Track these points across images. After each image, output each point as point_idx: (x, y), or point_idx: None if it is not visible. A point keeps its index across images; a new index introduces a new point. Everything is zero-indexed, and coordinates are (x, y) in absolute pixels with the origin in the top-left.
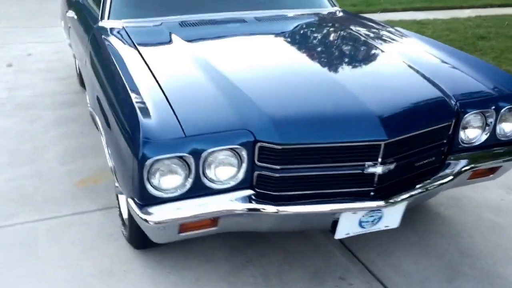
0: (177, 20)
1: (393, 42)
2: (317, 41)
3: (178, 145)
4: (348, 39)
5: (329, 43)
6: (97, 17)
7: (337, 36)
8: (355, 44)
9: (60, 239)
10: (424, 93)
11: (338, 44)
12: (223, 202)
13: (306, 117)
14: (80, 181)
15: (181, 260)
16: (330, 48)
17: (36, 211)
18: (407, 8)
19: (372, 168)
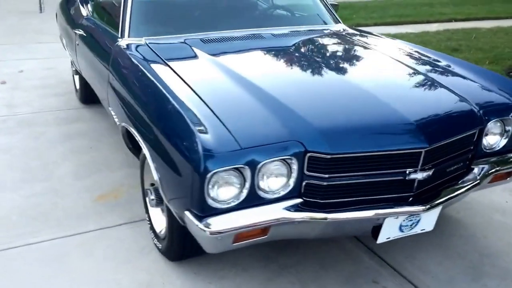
0: (197, 37)
1: (409, 55)
2: (339, 55)
3: (235, 157)
4: (368, 53)
5: (351, 57)
6: (115, 35)
7: (356, 50)
8: (376, 58)
9: (92, 254)
10: (453, 103)
11: (359, 58)
12: (275, 211)
13: (352, 127)
14: (99, 196)
15: (218, 270)
16: (353, 62)
17: (60, 228)
18: (378, 23)
19: (413, 174)
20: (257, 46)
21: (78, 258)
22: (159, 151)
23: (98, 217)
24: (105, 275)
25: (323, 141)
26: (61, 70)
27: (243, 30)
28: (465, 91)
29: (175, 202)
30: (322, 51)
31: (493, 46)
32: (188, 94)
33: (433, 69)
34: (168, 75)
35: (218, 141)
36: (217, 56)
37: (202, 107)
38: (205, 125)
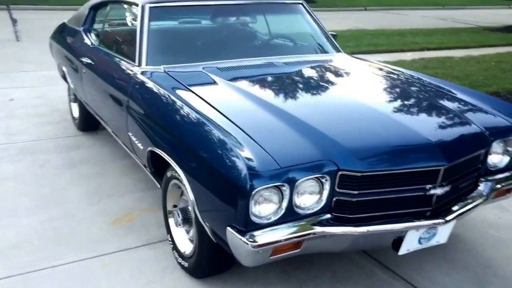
0: (214, 65)
1: (415, 81)
2: (351, 81)
3: (275, 175)
4: (376, 79)
5: (363, 83)
6: (131, 63)
7: (365, 77)
8: (385, 83)
9: (119, 274)
10: (463, 125)
11: (370, 84)
12: (311, 225)
13: (379, 147)
14: (115, 220)
15: (241, 285)
16: (367, 88)
17: (82, 250)
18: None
19: (433, 190)
20: (271, 72)
21: (106, 278)
22: (196, 172)
23: (117, 240)
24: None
25: (355, 160)
26: (52, 98)
27: (255, 58)
28: (472, 114)
29: (214, 220)
30: (335, 78)
31: (467, 74)
32: (219, 118)
33: (439, 94)
34: (195, 100)
35: (260, 161)
36: (236, 82)
37: (238, 131)
38: (244, 147)
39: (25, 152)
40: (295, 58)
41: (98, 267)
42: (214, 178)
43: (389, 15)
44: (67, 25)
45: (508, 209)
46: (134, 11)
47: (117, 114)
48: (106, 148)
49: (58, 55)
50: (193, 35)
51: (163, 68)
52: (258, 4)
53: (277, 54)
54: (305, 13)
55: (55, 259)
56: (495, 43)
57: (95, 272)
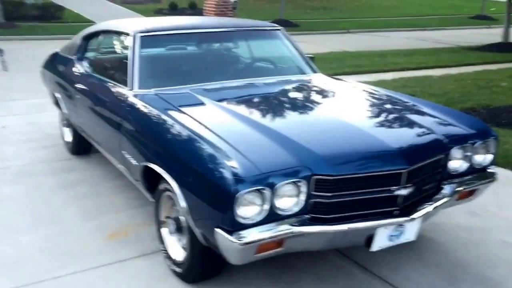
0: (199, 87)
1: (382, 97)
2: (325, 98)
3: (257, 180)
4: (348, 95)
5: (335, 99)
6: (123, 87)
7: (338, 94)
8: (355, 99)
9: (117, 282)
10: (424, 134)
11: (343, 100)
12: (290, 225)
13: (348, 154)
14: (111, 235)
15: None
16: (339, 103)
17: (81, 263)
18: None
19: (397, 191)
20: (253, 92)
21: (105, 286)
22: (188, 182)
23: (113, 252)
24: None
25: (327, 166)
26: (43, 124)
27: (238, 80)
28: (432, 124)
29: (203, 224)
30: (309, 95)
31: (445, 91)
32: (207, 133)
33: (404, 108)
34: (185, 118)
35: (243, 168)
36: (221, 101)
37: (222, 142)
38: (229, 156)
39: (21, 175)
40: (275, 79)
41: (96, 277)
42: (203, 185)
43: (371, 37)
44: (59, 54)
45: (478, 214)
46: (125, 40)
47: (111, 134)
48: (99, 170)
49: (51, 82)
50: (181, 60)
51: (154, 91)
52: (239, 31)
53: (258, 75)
54: (284, 38)
55: (56, 271)
56: (473, 62)
57: (94, 282)
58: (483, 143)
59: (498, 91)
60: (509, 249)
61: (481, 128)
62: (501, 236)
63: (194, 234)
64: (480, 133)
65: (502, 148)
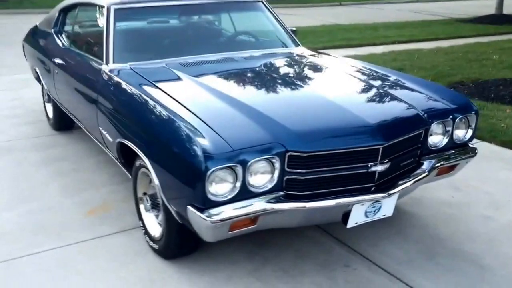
0: (176, 61)
1: (363, 71)
2: (303, 72)
3: (229, 157)
4: (328, 70)
5: (314, 73)
6: (99, 62)
7: (318, 68)
8: (335, 73)
9: (94, 258)
10: (402, 109)
11: (321, 74)
12: (263, 202)
13: (322, 130)
14: (90, 211)
15: (210, 264)
16: (317, 78)
17: (60, 239)
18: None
19: (374, 167)
20: (230, 67)
21: (82, 262)
22: (160, 159)
23: (93, 228)
24: (110, 273)
25: (300, 142)
26: (27, 100)
27: (216, 54)
28: (412, 99)
29: (176, 201)
30: (288, 70)
31: (434, 65)
32: (180, 109)
33: (385, 82)
34: (158, 94)
35: (214, 145)
36: (197, 77)
37: (195, 119)
38: (201, 132)
39: (3, 151)
40: (255, 52)
41: (75, 253)
42: (175, 163)
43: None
44: (38, 27)
45: (461, 189)
46: (101, 13)
47: (88, 110)
48: (81, 146)
49: (31, 57)
50: (157, 34)
51: (129, 66)
52: (219, 3)
53: (238, 49)
54: (265, 10)
55: (35, 247)
56: (465, 34)
57: (73, 257)
58: (464, 118)
59: (488, 64)
60: (489, 224)
61: (462, 103)
62: (482, 211)
63: (169, 211)
64: (461, 107)
65: (489, 123)
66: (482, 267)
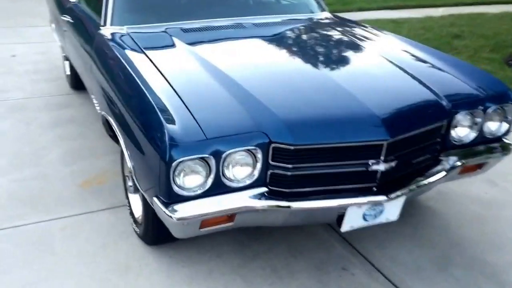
0: (179, 26)
1: (385, 46)
2: (316, 46)
3: (200, 147)
4: (345, 44)
5: (328, 47)
6: (98, 23)
7: (334, 41)
8: (352, 49)
9: (75, 237)
10: (420, 95)
11: (336, 49)
12: (240, 199)
13: (315, 119)
14: (84, 182)
15: (193, 255)
16: (330, 53)
17: (47, 212)
18: (381, 7)
19: (375, 166)
20: (236, 36)
21: (61, 240)
22: (132, 140)
23: (82, 203)
24: (86, 257)
25: (287, 132)
26: (53, 55)
27: (225, 19)
28: (437, 84)
29: (146, 189)
30: (300, 42)
31: (496, 32)
32: (162, 84)
33: (408, 62)
34: (145, 65)
35: (185, 131)
36: (194, 46)
37: (174, 97)
38: (174, 115)
39: (15, 109)
40: (268, 18)
41: (57, 229)
42: (144, 146)
43: None
44: None
45: (497, 184)
46: None
47: (86, 75)
48: (94, 108)
49: (50, 12)
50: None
51: (126, 29)
52: None
53: (250, 14)
54: None
55: (18, 219)
56: None
57: (53, 234)
58: (499, 109)
59: None
60: None
61: (499, 90)
62: None
63: None
64: (497, 96)
65: None
66: (501, 284)
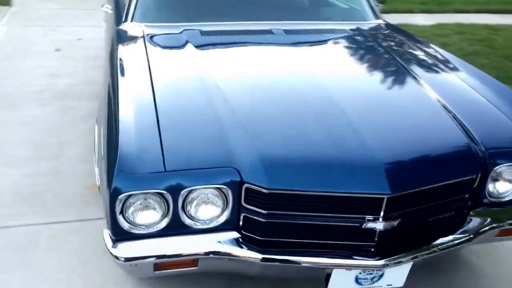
0: (199, 28)
1: (428, 71)
2: (341, 63)
3: (155, 180)
4: (379, 63)
5: (355, 66)
6: (121, 18)
7: (367, 59)
8: (385, 70)
9: (59, 248)
10: (447, 140)
11: (365, 70)
12: (204, 243)
13: (300, 160)
14: (93, 184)
15: (175, 285)
16: (354, 74)
17: (43, 214)
18: (481, 9)
19: (371, 224)
20: (257, 42)
21: (44, 250)
22: (98, 157)
23: (81, 208)
24: (61, 273)
25: (261, 172)
26: None
27: (255, 22)
28: (476, 125)
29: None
30: (324, 57)
31: None
32: (145, 96)
33: (450, 92)
34: (139, 69)
35: (142, 160)
36: (203, 53)
37: (150, 115)
38: (139, 139)
39: (59, 96)
40: (303, 25)
41: (45, 236)
42: (102, 169)
43: None
44: None
45: None
46: None
47: None
48: None
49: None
50: None
51: (143, 26)
52: None
53: (286, 18)
54: None
55: (12, 219)
56: None
57: (38, 242)
58: None
59: None
60: None
61: None
62: None
63: None
64: None
65: None
66: None
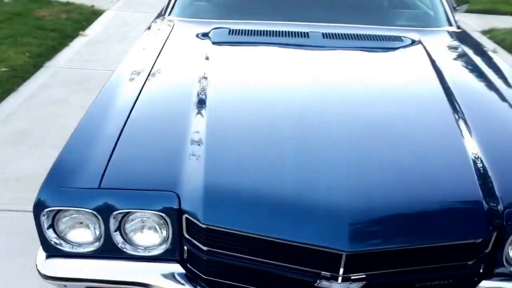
0: (228, 26)
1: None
2: (364, 85)
3: (85, 197)
4: (413, 90)
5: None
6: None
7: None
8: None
9: None
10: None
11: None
12: (140, 272)
13: (250, 197)
14: None
15: None
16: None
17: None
18: None
19: (326, 283)
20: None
21: None
22: None
23: None
24: None
25: (200, 203)
26: None
27: (295, 23)
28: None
29: None
30: (347, 73)
31: None
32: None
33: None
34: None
35: (77, 173)
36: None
37: (118, 123)
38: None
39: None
40: (350, 28)
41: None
42: None
43: None
44: None
45: None
46: None
47: None
48: None
49: None
50: None
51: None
52: None
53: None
54: None
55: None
56: None
57: None
58: None
59: None
60: None
61: None
62: None
63: None
64: None
65: None
66: None
